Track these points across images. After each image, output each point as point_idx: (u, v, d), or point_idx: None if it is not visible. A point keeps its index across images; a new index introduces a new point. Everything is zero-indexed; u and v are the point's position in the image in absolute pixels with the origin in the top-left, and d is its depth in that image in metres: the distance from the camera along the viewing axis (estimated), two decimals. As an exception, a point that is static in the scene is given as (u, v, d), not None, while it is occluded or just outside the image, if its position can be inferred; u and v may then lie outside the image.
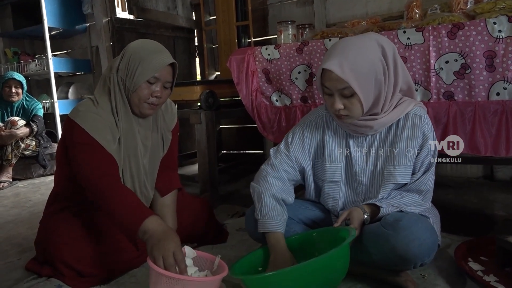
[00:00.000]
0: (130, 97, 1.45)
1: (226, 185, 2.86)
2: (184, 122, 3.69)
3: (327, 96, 1.31)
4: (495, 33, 1.57)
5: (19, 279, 1.54)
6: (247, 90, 2.28)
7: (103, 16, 3.21)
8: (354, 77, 1.21)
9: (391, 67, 1.27)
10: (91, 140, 1.39)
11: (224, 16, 3.20)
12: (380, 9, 2.85)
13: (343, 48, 1.25)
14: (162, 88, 1.46)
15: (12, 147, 3.30)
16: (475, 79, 1.64)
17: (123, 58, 1.45)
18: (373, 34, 1.33)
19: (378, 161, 1.38)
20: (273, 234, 1.34)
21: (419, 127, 1.33)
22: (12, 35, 4.35)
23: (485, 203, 2.18)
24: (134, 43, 1.48)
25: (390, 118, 1.33)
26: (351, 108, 1.27)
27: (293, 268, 1.09)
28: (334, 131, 1.44)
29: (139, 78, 1.41)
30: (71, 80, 4.46)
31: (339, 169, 1.42)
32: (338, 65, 1.22)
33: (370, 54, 1.24)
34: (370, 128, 1.33)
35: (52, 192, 1.66)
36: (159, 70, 1.42)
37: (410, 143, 1.33)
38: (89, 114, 1.42)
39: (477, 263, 1.43)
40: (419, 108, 1.36)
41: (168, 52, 1.48)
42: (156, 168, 1.63)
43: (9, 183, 3.30)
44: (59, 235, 1.45)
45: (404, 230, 1.20)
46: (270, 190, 1.40)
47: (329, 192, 1.45)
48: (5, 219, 2.39)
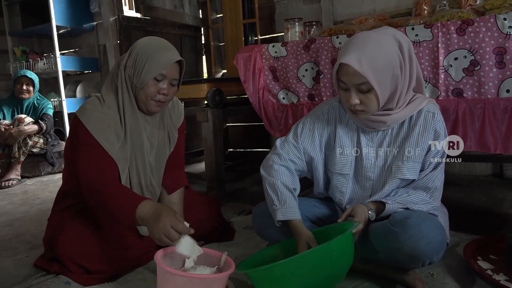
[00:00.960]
0: (137, 94, 1.45)
1: (233, 183, 2.86)
2: (191, 120, 3.70)
3: (343, 91, 1.29)
4: (505, 29, 1.55)
5: (28, 276, 1.55)
6: (254, 88, 2.28)
7: (111, 14, 3.22)
8: (372, 72, 1.20)
9: (407, 62, 1.26)
10: (93, 141, 1.41)
11: (231, 14, 3.19)
12: (387, 6, 2.83)
13: (361, 43, 1.23)
14: (169, 86, 1.46)
15: (20, 144, 3.32)
16: (484, 76, 1.62)
17: (130, 55, 1.45)
18: (389, 28, 1.31)
19: (388, 157, 1.37)
20: (295, 221, 1.33)
21: (431, 124, 1.32)
22: (20, 34, 4.38)
23: (494, 202, 2.16)
24: (142, 41, 1.48)
25: (403, 114, 1.32)
26: (367, 103, 1.26)
27: (296, 257, 1.08)
28: (346, 124, 1.43)
29: (146, 75, 1.41)
30: (79, 78, 4.49)
31: (348, 162, 1.41)
32: (356, 60, 1.20)
33: (387, 49, 1.22)
34: (384, 124, 1.32)
35: (60, 190, 1.67)
36: (166, 68, 1.42)
37: (421, 139, 1.32)
38: (94, 113, 1.44)
39: (486, 262, 1.42)
40: (433, 105, 1.34)
41: (176, 49, 1.48)
42: (163, 166, 1.63)
43: (17, 181, 3.32)
44: (67, 233, 1.46)
45: (412, 228, 1.19)
46: (281, 179, 1.40)
47: (337, 185, 1.44)
48: (14, 216, 2.41)
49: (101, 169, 1.40)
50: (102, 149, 1.41)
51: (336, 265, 1.14)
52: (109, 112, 1.46)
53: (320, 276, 1.10)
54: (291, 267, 1.09)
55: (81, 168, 1.41)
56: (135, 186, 1.52)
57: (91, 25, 4.20)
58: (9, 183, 3.25)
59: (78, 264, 1.44)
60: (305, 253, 1.09)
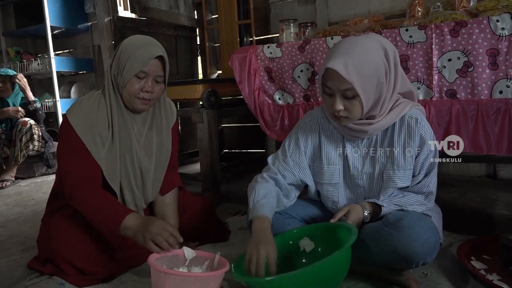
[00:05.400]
0: (122, 93, 1.45)
1: (228, 184, 2.86)
2: (186, 121, 3.71)
3: (327, 96, 1.29)
4: (498, 31, 1.56)
5: (22, 277, 1.54)
6: (250, 88, 2.28)
7: (105, 15, 3.21)
8: (358, 79, 1.19)
9: (392, 70, 1.26)
10: (78, 144, 1.42)
11: (226, 15, 3.19)
12: (382, 7, 2.84)
13: (348, 48, 1.22)
14: (153, 83, 1.46)
15: (22, 147, 3.29)
16: (478, 77, 1.64)
17: (115, 55, 1.47)
18: (375, 35, 1.32)
19: (375, 164, 1.37)
20: (259, 217, 1.28)
21: (416, 131, 1.31)
22: (14, 34, 4.35)
23: (488, 202, 2.17)
24: (126, 40, 1.49)
25: (385, 122, 1.31)
26: (351, 109, 1.25)
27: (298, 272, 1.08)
28: (330, 134, 1.43)
29: (127, 73, 1.42)
30: (73, 79, 4.47)
31: (337, 171, 1.42)
32: (343, 65, 1.19)
33: (374, 56, 1.22)
34: (365, 133, 1.32)
35: (52, 190, 1.66)
36: (147, 65, 1.42)
37: (408, 146, 1.32)
38: (82, 113, 1.45)
39: (480, 262, 1.43)
40: (416, 110, 1.34)
41: (159, 45, 1.47)
42: (158, 167, 1.62)
43: (11, 182, 3.30)
44: (60, 233, 1.45)
45: (406, 229, 1.19)
46: (266, 186, 1.39)
47: (327, 195, 1.45)
48: (8, 217, 2.40)
49: (83, 174, 1.41)
50: (86, 151, 1.43)
51: (334, 276, 1.15)
52: (98, 112, 1.47)
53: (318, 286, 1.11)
54: (292, 281, 1.08)
55: (63, 174, 1.44)
56: (125, 185, 1.52)
57: (85, 25, 4.18)
58: (3, 184, 3.23)
59: (72, 265, 1.43)
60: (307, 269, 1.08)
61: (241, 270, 1.21)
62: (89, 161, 1.43)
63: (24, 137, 3.28)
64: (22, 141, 3.28)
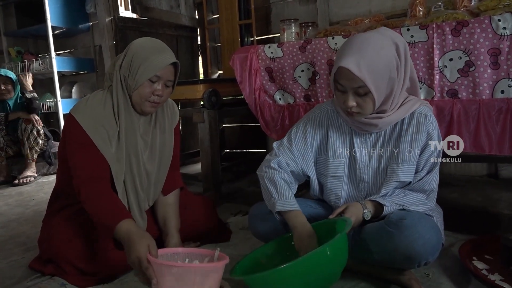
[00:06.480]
0: (132, 95, 1.45)
1: (229, 184, 2.86)
2: (187, 121, 3.70)
3: (340, 93, 1.29)
4: (499, 31, 1.56)
5: (23, 278, 1.54)
6: (250, 88, 2.28)
7: (106, 15, 3.21)
8: (370, 76, 1.20)
9: (403, 64, 1.26)
10: (87, 140, 1.42)
11: (227, 15, 3.19)
12: (383, 7, 2.83)
13: (360, 46, 1.23)
14: (163, 87, 1.46)
15: (32, 144, 3.31)
16: (479, 77, 1.63)
17: (126, 56, 1.45)
18: (385, 29, 1.30)
19: (382, 159, 1.37)
20: (294, 212, 1.33)
21: (424, 126, 1.32)
22: (15, 34, 4.36)
23: (490, 202, 2.16)
24: (138, 41, 1.48)
25: (395, 117, 1.32)
26: (363, 106, 1.26)
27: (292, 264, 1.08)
28: (338, 127, 1.43)
29: (141, 76, 1.41)
30: (74, 79, 4.47)
31: (342, 164, 1.42)
32: (355, 64, 1.20)
33: (386, 53, 1.22)
34: (375, 127, 1.33)
35: (54, 190, 1.66)
36: (161, 70, 1.42)
37: (414, 141, 1.32)
38: (89, 111, 1.45)
39: (481, 262, 1.42)
40: (425, 107, 1.35)
41: (171, 51, 1.48)
42: (161, 167, 1.62)
43: (34, 177, 3.38)
44: (61, 233, 1.45)
45: (408, 229, 1.19)
46: (279, 175, 1.40)
47: (331, 188, 1.45)
48: (9, 217, 2.40)
49: (92, 169, 1.40)
50: (95, 148, 1.42)
51: (331, 267, 1.14)
52: (104, 111, 1.46)
53: (316, 278, 1.10)
54: (286, 273, 1.08)
55: (72, 167, 1.43)
56: (129, 186, 1.52)
57: (86, 25, 4.19)
58: (28, 180, 3.31)
59: (73, 265, 1.43)
60: (301, 259, 1.08)
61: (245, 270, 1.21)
62: (98, 156, 1.42)
63: (31, 135, 3.31)
64: (30, 139, 3.31)
